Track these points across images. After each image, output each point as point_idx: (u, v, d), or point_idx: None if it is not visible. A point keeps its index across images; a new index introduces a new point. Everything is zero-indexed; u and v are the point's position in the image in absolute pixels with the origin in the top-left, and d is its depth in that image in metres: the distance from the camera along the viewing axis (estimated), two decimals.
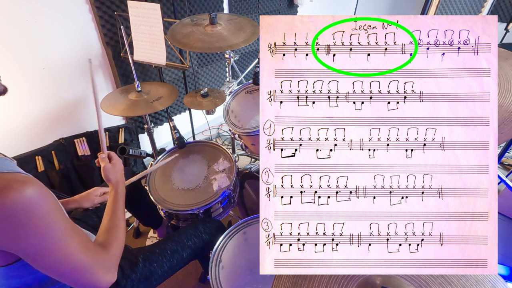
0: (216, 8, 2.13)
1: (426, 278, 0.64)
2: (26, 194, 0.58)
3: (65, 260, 0.66)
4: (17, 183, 0.59)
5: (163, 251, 1.07)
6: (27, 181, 0.60)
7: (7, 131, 1.63)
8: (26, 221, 0.59)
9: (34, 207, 0.60)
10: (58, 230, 0.64)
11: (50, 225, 0.63)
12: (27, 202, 0.58)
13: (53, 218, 0.63)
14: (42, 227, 0.61)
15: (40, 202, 0.61)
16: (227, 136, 2.69)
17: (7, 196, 0.56)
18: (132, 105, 1.48)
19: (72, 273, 0.68)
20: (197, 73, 2.30)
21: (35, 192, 0.60)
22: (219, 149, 1.52)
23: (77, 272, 0.68)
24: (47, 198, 0.63)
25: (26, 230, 0.59)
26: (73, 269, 0.67)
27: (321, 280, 0.63)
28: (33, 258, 0.64)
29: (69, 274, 0.68)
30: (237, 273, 1.05)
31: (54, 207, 0.64)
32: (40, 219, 0.61)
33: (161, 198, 1.33)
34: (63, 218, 0.66)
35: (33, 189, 0.60)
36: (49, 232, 0.63)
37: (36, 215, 0.60)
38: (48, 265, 0.65)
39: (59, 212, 0.66)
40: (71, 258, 0.66)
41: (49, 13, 1.53)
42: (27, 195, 0.58)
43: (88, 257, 0.69)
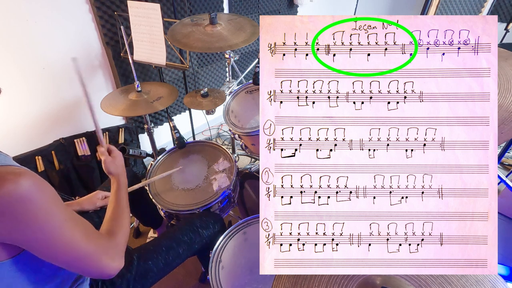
0: (216, 8, 2.13)
1: (426, 278, 0.64)
2: (22, 185, 0.58)
3: (68, 249, 0.66)
4: (11, 175, 0.58)
5: (158, 248, 1.07)
6: (21, 173, 0.60)
7: (7, 131, 1.63)
8: (24, 213, 0.59)
9: (31, 198, 0.59)
10: (58, 220, 0.64)
11: (49, 215, 0.63)
12: (23, 193, 0.58)
13: (52, 209, 0.63)
14: (40, 218, 0.61)
15: (37, 193, 0.60)
16: (227, 136, 2.69)
17: (1, 188, 0.56)
18: (132, 105, 1.48)
19: (78, 262, 0.68)
20: (197, 73, 2.30)
21: (31, 183, 0.60)
22: (219, 149, 1.52)
23: (82, 260, 0.69)
24: (43, 189, 0.62)
25: (25, 222, 0.59)
26: (77, 258, 0.68)
27: (321, 280, 0.63)
28: (36, 249, 0.64)
29: (74, 263, 0.68)
30: (237, 273, 1.05)
31: (52, 197, 0.64)
32: (38, 210, 0.61)
33: (161, 198, 1.33)
34: (62, 208, 0.66)
35: (28, 181, 0.59)
36: (49, 223, 0.63)
37: (34, 206, 0.60)
38: (52, 255, 0.66)
39: (58, 202, 0.65)
40: (74, 247, 0.67)
41: (49, 13, 1.53)
42: (22, 186, 0.58)
43: (92, 245, 0.70)
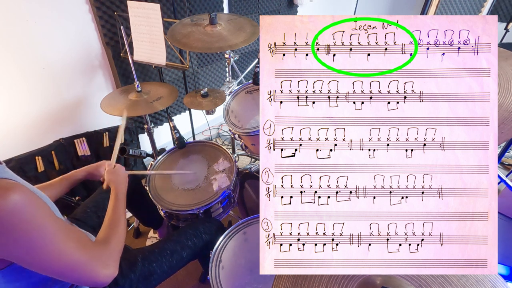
0: (216, 8, 2.13)
1: (426, 278, 0.64)
2: (11, 200, 0.58)
3: (60, 260, 0.66)
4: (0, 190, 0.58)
5: (162, 251, 1.08)
6: (10, 188, 0.60)
7: (7, 131, 1.63)
8: (14, 227, 0.59)
9: (20, 213, 0.59)
10: (48, 232, 0.64)
11: (40, 228, 0.62)
12: (13, 208, 0.58)
13: (42, 221, 0.63)
14: (31, 232, 0.61)
15: (26, 207, 0.60)
16: (227, 136, 2.69)
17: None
18: (132, 105, 1.48)
19: (71, 272, 0.68)
20: (197, 73, 2.30)
21: (20, 198, 0.59)
22: (219, 149, 1.52)
23: (76, 270, 0.68)
24: (33, 202, 0.62)
25: (14, 236, 0.59)
26: (70, 268, 0.68)
27: (321, 280, 0.63)
28: (27, 262, 0.64)
29: (68, 273, 0.68)
30: (237, 273, 1.05)
31: (42, 210, 0.64)
32: (28, 223, 0.60)
33: (161, 198, 1.33)
34: (52, 219, 0.66)
35: (17, 195, 0.59)
36: (40, 236, 0.63)
37: (24, 220, 0.60)
38: (44, 267, 0.66)
39: (48, 214, 0.65)
40: (66, 257, 0.67)
41: (49, 13, 1.53)
42: (11, 201, 0.58)
43: (85, 254, 0.70)
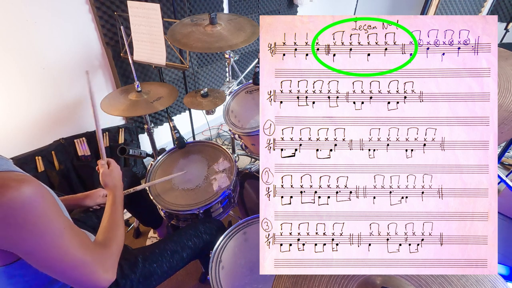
0: (216, 8, 2.13)
1: (426, 278, 0.64)
2: (24, 192, 0.58)
3: (63, 258, 0.66)
4: (14, 182, 0.58)
5: (163, 251, 1.08)
6: (24, 180, 0.60)
7: (7, 131, 1.63)
8: (24, 220, 0.59)
9: (32, 206, 0.59)
10: (56, 228, 0.64)
11: (48, 223, 0.62)
12: (25, 200, 0.58)
13: (51, 217, 0.63)
14: (40, 226, 0.61)
15: (38, 201, 0.60)
16: (227, 136, 2.69)
17: (4, 195, 0.56)
18: (132, 105, 1.48)
19: (72, 272, 0.68)
20: (197, 73, 2.30)
21: (33, 191, 0.59)
22: (219, 149, 1.52)
23: (77, 270, 0.68)
24: (44, 197, 0.62)
25: (24, 229, 0.59)
26: (72, 268, 0.67)
27: (321, 280, 0.63)
28: (32, 257, 0.64)
29: (68, 273, 0.68)
30: (237, 273, 1.05)
31: (52, 205, 0.64)
32: (38, 217, 0.60)
33: (161, 198, 1.33)
34: (61, 216, 0.66)
35: (30, 188, 0.59)
36: (47, 231, 0.63)
37: (34, 214, 0.60)
38: (47, 263, 0.65)
39: (57, 211, 0.65)
40: (69, 256, 0.66)
41: (49, 13, 1.53)
42: (24, 193, 0.58)
43: (87, 255, 0.69)
